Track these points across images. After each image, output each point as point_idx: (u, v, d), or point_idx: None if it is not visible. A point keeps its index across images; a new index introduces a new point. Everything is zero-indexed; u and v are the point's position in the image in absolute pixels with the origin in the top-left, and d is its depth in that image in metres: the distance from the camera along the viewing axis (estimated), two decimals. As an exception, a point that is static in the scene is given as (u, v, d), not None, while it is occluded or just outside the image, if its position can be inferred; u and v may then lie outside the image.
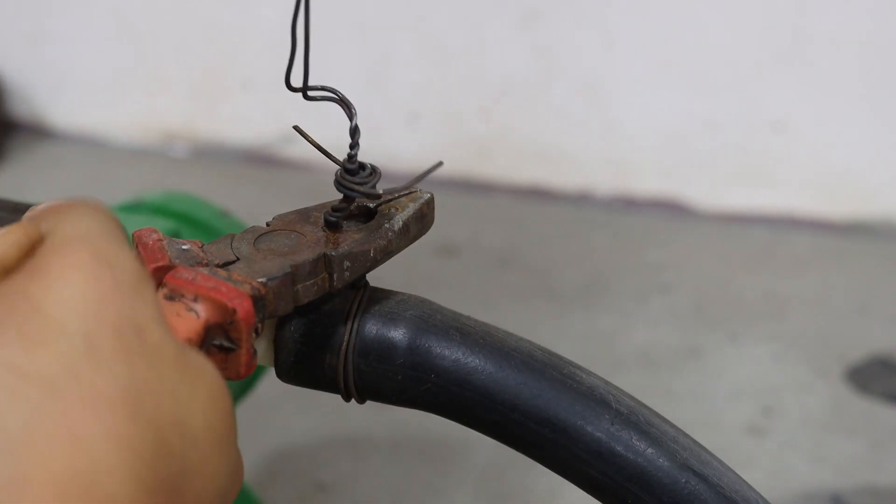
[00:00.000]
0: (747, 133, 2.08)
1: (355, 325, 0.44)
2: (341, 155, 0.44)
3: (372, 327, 0.44)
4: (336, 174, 0.44)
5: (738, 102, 2.07)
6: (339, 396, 0.46)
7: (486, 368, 0.44)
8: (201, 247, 0.41)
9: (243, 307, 0.37)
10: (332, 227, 0.44)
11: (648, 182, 2.13)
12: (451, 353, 0.44)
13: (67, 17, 2.34)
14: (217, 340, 0.37)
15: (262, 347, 0.45)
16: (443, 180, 2.16)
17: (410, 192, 0.45)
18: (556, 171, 2.16)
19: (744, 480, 0.46)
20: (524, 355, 0.44)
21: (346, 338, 0.44)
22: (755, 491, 0.46)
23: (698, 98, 2.08)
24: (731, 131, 2.08)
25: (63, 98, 2.40)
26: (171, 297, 0.37)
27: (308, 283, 0.42)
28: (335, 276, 0.42)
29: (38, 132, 2.40)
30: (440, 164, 0.43)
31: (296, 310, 0.43)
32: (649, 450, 0.44)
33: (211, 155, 2.29)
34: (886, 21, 1.96)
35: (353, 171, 0.44)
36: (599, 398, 0.44)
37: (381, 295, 0.46)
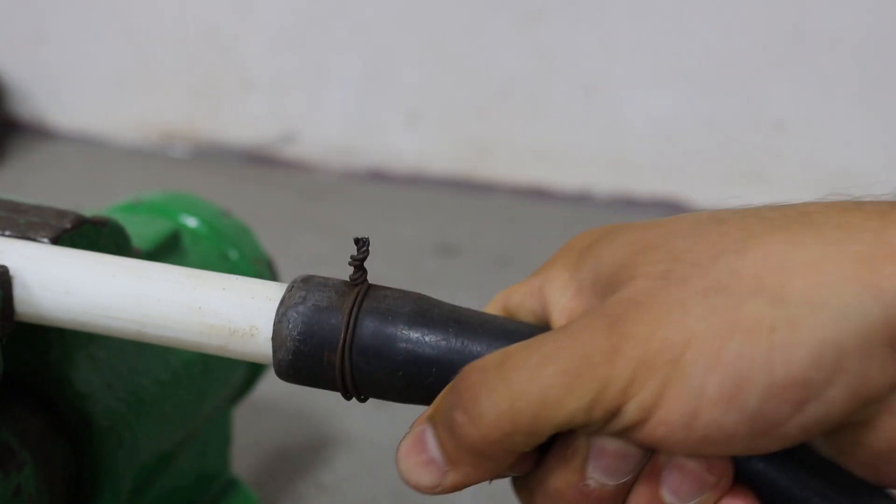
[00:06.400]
0: (747, 133, 2.08)
1: (353, 322, 0.44)
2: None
3: (370, 324, 0.44)
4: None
5: (738, 102, 2.07)
6: (339, 395, 0.46)
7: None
8: None
9: None
10: None
11: (648, 182, 2.13)
12: (450, 346, 0.44)
13: (67, 17, 2.34)
14: None
15: (261, 345, 0.45)
16: (443, 180, 2.16)
17: None
18: (555, 171, 2.16)
19: None
20: (524, 336, 0.44)
21: (343, 335, 0.44)
22: None
23: (698, 98, 2.08)
24: (731, 131, 2.08)
25: (63, 98, 2.40)
26: None
27: None
28: None
29: (38, 132, 2.40)
30: None
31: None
32: None
33: (211, 155, 2.28)
34: (887, 20, 1.96)
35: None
36: None
37: (380, 292, 0.45)
